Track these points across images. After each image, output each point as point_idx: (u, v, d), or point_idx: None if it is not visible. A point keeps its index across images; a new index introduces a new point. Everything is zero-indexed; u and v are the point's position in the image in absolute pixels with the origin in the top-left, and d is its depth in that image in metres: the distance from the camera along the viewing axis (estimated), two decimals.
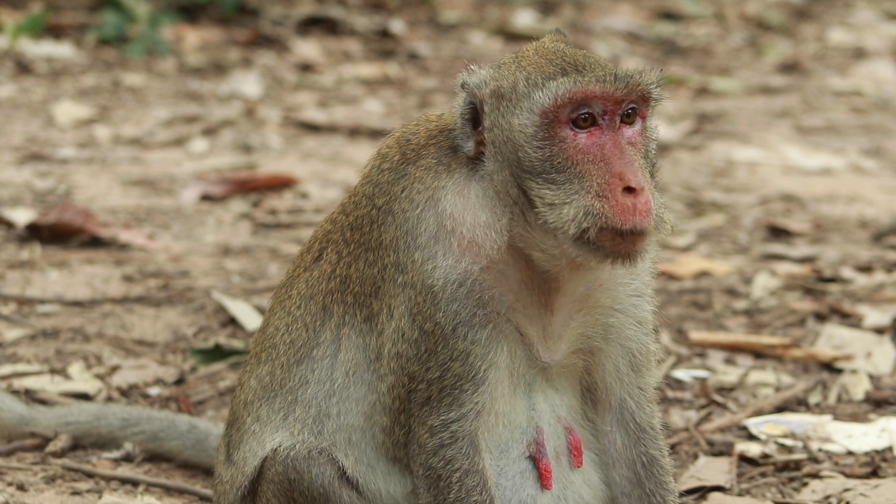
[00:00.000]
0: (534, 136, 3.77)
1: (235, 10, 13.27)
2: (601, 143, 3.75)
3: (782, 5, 15.85)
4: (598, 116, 3.76)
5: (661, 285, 6.90)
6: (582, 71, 3.76)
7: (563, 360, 3.95)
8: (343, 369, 3.97)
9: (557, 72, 3.77)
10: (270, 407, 4.06)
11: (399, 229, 3.88)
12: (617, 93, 3.75)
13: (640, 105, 3.81)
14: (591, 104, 3.75)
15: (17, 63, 11.74)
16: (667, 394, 5.60)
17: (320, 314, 4.03)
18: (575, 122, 3.75)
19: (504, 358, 3.84)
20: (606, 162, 3.73)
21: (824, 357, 5.91)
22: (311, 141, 9.86)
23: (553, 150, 3.75)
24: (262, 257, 7.29)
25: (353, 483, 3.93)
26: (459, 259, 3.83)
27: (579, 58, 3.81)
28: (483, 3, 14.83)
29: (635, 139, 3.81)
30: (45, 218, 7.39)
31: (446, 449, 3.82)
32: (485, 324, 3.81)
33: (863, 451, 5.09)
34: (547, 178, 3.75)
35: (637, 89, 3.78)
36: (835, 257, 7.38)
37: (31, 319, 6.29)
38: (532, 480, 3.92)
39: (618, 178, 3.72)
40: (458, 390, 3.81)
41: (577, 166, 3.74)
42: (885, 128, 10.70)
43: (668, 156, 9.72)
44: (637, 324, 4.02)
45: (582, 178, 3.73)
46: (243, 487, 4.08)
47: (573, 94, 3.74)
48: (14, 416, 5.14)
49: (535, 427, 3.94)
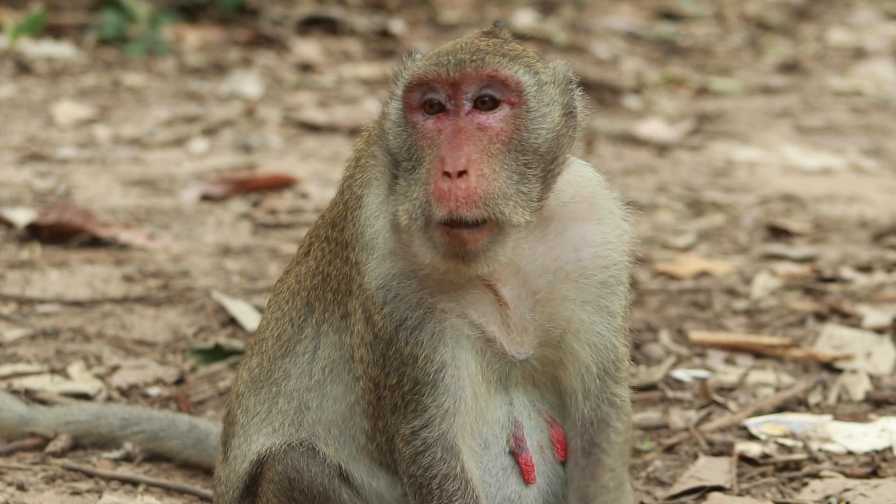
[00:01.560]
0: (396, 122, 3.69)
1: (235, 10, 13.26)
2: (441, 127, 3.61)
3: (782, 5, 15.85)
4: (445, 102, 3.62)
5: (661, 285, 6.90)
6: (436, 56, 3.64)
7: (538, 353, 3.83)
8: (320, 366, 3.94)
9: (426, 57, 3.67)
10: (257, 398, 4.07)
11: (354, 229, 3.85)
12: (450, 77, 3.58)
13: (504, 90, 3.62)
14: (435, 89, 3.61)
15: (17, 63, 11.74)
16: (667, 394, 5.59)
17: (304, 310, 4.02)
18: (424, 107, 3.63)
19: (461, 355, 3.73)
20: (437, 147, 3.58)
21: (824, 357, 5.91)
22: (311, 141, 9.86)
23: (406, 135, 3.65)
24: (262, 257, 7.29)
25: (345, 476, 3.92)
26: (383, 261, 3.76)
27: (457, 46, 3.67)
28: (483, 3, 14.83)
29: (490, 124, 3.60)
30: (45, 218, 7.39)
31: (421, 457, 3.74)
32: (422, 325, 3.71)
33: (863, 451, 5.09)
34: (403, 168, 3.64)
35: (477, 74, 3.59)
36: (835, 257, 7.38)
37: (31, 319, 6.29)
38: (515, 476, 3.86)
39: (439, 162, 3.54)
40: (419, 395, 3.72)
41: (420, 152, 3.61)
42: (885, 128, 10.70)
43: (668, 156, 9.72)
44: (606, 317, 3.84)
45: (420, 166, 3.59)
46: (238, 488, 4.08)
47: (412, 78, 3.63)
48: (14, 416, 5.14)
49: (514, 422, 3.86)
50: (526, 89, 3.64)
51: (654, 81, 12.12)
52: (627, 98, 11.49)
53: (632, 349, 4.82)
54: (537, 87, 3.67)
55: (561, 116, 3.71)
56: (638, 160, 9.57)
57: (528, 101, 3.65)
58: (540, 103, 3.67)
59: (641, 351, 5.99)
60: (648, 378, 5.66)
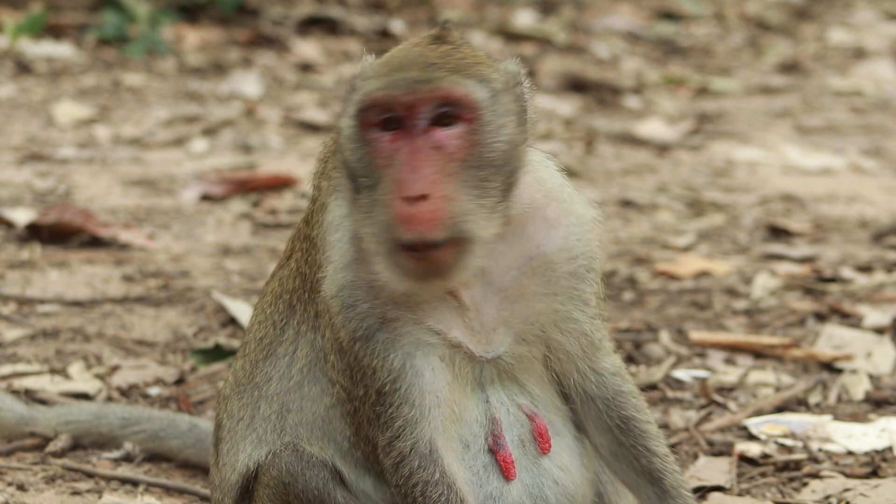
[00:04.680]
0: (350, 137, 3.65)
1: (235, 10, 13.27)
2: (398, 147, 3.55)
3: (782, 5, 15.85)
4: (403, 120, 3.56)
5: (661, 285, 6.90)
6: (389, 74, 3.57)
7: (512, 350, 3.82)
8: (298, 366, 3.94)
9: (378, 73, 3.61)
10: (240, 402, 4.07)
11: (320, 231, 3.86)
12: (404, 100, 3.53)
13: (459, 107, 3.56)
14: (392, 108, 3.57)
15: (17, 63, 11.74)
16: (667, 394, 5.59)
17: (286, 312, 4.01)
18: (382, 125, 3.58)
19: (420, 364, 3.71)
20: (395, 168, 3.53)
21: (824, 357, 5.91)
22: (311, 141, 9.87)
23: (363, 152, 3.60)
24: (262, 257, 7.29)
25: (344, 481, 3.92)
26: (338, 271, 3.75)
27: (410, 57, 3.61)
28: (483, 3, 14.83)
29: (447, 143, 3.55)
30: (45, 218, 7.39)
31: (401, 466, 3.73)
32: (376, 336, 3.69)
33: (863, 451, 5.09)
34: (360, 184, 3.61)
35: (431, 96, 3.54)
36: (835, 257, 7.38)
37: (31, 319, 6.29)
38: (496, 473, 3.85)
39: (398, 186, 3.50)
40: (383, 406, 3.71)
41: (378, 171, 3.57)
42: (885, 128, 10.70)
43: (668, 156, 9.73)
44: (581, 304, 3.84)
45: (379, 185, 3.56)
46: (232, 493, 4.07)
47: (366, 99, 3.58)
48: (14, 416, 5.14)
49: (492, 419, 3.85)
50: (481, 105, 3.60)
51: (654, 81, 12.12)
52: (627, 98, 11.49)
53: (632, 349, 4.82)
54: (492, 100, 3.62)
55: (515, 126, 3.67)
56: (638, 160, 9.57)
57: (482, 116, 3.60)
58: (495, 115, 3.62)
59: (641, 351, 5.99)
60: (648, 378, 5.66)
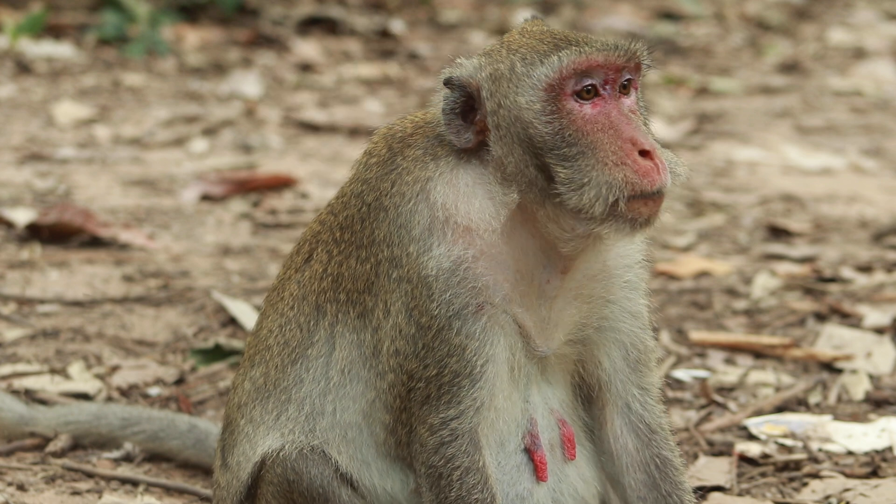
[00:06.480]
0: (541, 111, 3.79)
1: (235, 10, 13.27)
2: (607, 111, 3.79)
3: (782, 5, 15.85)
4: (600, 87, 3.80)
5: (661, 285, 6.90)
6: (580, 43, 3.81)
7: (557, 350, 3.95)
8: (338, 367, 3.96)
9: (552, 48, 3.80)
10: (264, 408, 4.07)
11: (392, 224, 3.88)
12: (618, 61, 3.79)
13: (633, 75, 3.86)
14: (593, 75, 3.78)
15: (17, 63, 11.74)
16: (667, 394, 5.59)
17: (314, 314, 4.03)
18: (579, 94, 3.79)
19: (502, 351, 3.84)
20: (616, 130, 3.78)
21: (824, 357, 5.91)
22: (311, 141, 9.87)
23: (562, 123, 3.78)
24: (262, 257, 7.29)
25: (349, 480, 3.93)
26: (452, 247, 3.82)
27: (569, 34, 3.86)
28: (483, 3, 14.84)
29: (634, 107, 3.85)
30: (45, 218, 7.39)
31: (446, 447, 3.81)
32: (479, 316, 3.81)
33: (863, 451, 5.09)
34: (560, 154, 3.76)
35: (636, 57, 3.83)
36: (835, 257, 7.38)
37: (31, 319, 6.29)
38: (528, 473, 3.92)
39: (630, 144, 3.76)
40: (457, 387, 3.81)
41: (588, 137, 3.76)
42: (885, 128, 10.70)
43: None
44: (631, 316, 4.02)
45: (595, 149, 3.76)
46: (240, 493, 4.08)
47: (577, 64, 3.77)
48: (14, 416, 5.14)
49: (530, 419, 3.93)
50: (644, 74, 3.92)
51: (654, 81, 12.12)
52: None
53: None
54: None
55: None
56: None
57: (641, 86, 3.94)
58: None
59: None
60: None
